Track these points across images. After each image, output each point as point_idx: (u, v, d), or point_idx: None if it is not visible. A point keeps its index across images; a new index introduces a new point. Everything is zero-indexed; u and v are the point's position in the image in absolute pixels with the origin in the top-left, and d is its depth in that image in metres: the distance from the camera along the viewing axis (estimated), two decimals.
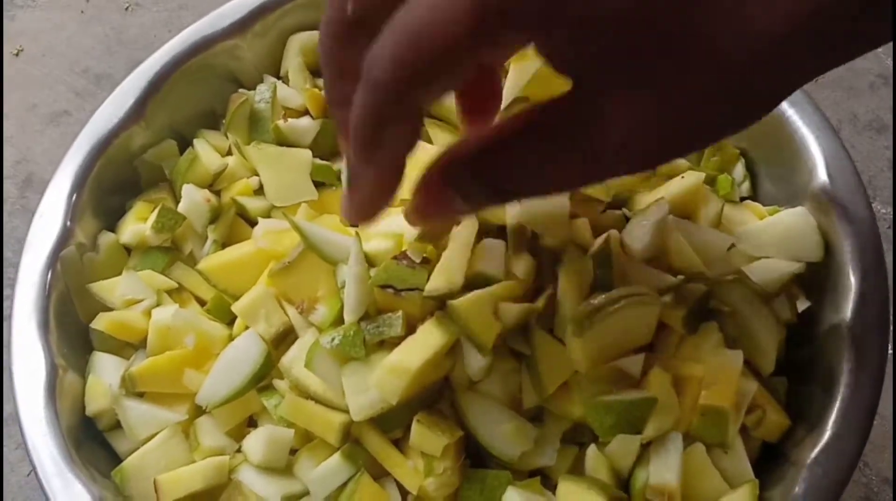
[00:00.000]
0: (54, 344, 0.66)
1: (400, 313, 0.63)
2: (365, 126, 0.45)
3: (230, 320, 0.69)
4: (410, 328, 0.63)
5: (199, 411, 0.66)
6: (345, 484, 0.63)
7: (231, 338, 0.68)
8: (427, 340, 0.62)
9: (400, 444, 0.64)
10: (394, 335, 0.63)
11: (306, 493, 0.64)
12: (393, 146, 0.47)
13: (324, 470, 0.63)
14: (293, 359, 0.65)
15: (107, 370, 0.68)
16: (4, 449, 0.83)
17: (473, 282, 0.63)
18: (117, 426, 0.67)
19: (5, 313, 0.89)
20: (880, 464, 0.82)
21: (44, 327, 0.66)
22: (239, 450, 0.66)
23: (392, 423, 0.63)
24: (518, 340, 0.64)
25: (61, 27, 1.03)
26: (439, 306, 0.63)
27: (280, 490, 0.64)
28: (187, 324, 0.67)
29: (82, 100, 0.99)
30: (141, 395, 0.67)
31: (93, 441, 0.67)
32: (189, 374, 0.66)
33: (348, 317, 0.63)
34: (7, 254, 0.91)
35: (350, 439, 0.64)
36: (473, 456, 0.65)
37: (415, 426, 0.62)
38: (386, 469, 0.64)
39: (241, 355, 0.65)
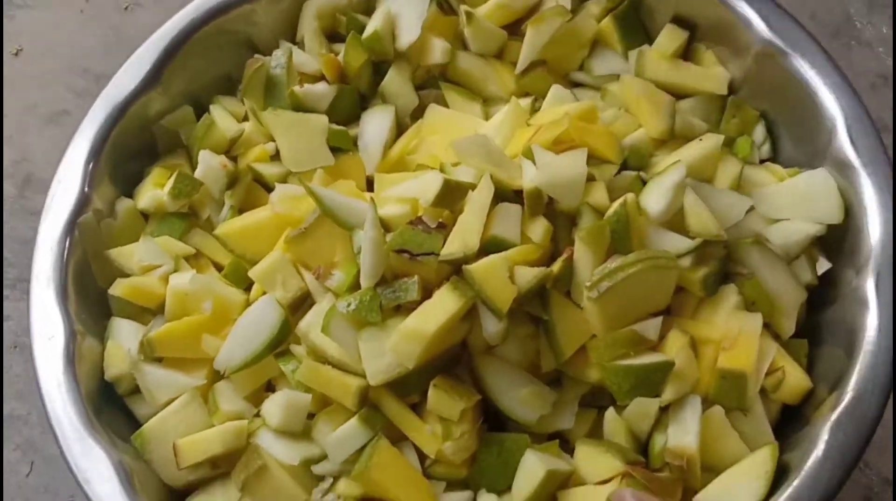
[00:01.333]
0: (73, 310, 0.66)
1: (416, 277, 0.63)
2: None
3: (247, 285, 0.69)
4: (426, 293, 0.63)
5: (217, 376, 0.67)
6: (363, 448, 0.63)
7: (248, 303, 0.68)
8: (443, 304, 0.62)
9: (417, 409, 0.64)
10: (410, 299, 0.63)
11: (324, 457, 0.64)
12: None
13: (341, 434, 0.63)
14: (310, 324, 0.65)
15: (125, 335, 0.68)
16: (4, 449, 0.83)
17: (489, 246, 0.63)
18: (136, 390, 0.68)
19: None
20: (880, 464, 0.82)
21: (62, 293, 0.67)
22: (258, 414, 0.66)
23: (409, 388, 0.63)
24: (535, 304, 0.64)
25: (61, 27, 1.02)
26: (455, 270, 0.63)
27: (298, 454, 0.64)
28: (205, 289, 0.67)
29: (82, 100, 0.98)
30: (160, 360, 0.67)
31: (112, 406, 0.67)
32: (207, 339, 0.66)
33: (364, 282, 0.63)
34: (7, 254, 0.91)
35: (367, 403, 0.64)
36: (491, 420, 0.65)
37: (432, 391, 0.62)
38: (404, 433, 0.64)
39: (258, 320, 0.65)
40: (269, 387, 0.68)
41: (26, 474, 0.83)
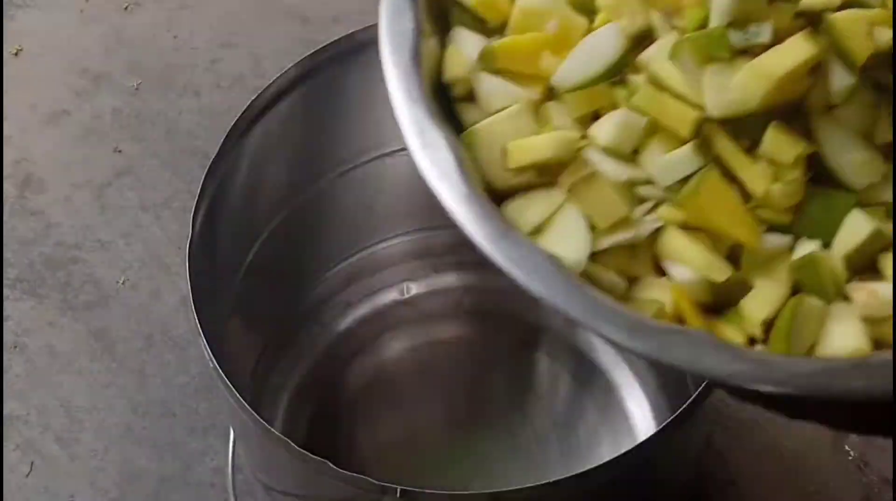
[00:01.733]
0: (421, 9, 0.68)
1: (770, 22, 0.62)
2: None
3: (592, 16, 0.69)
4: (778, 41, 0.62)
5: (550, 95, 0.68)
6: (689, 178, 0.63)
7: (591, 31, 0.68)
8: (795, 49, 0.61)
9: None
10: (761, 42, 0.62)
11: (650, 182, 0.64)
12: None
13: (674, 157, 0.63)
14: (652, 56, 0.65)
15: (467, 43, 0.69)
16: (4, 449, 0.84)
17: (849, 4, 0.62)
18: (469, 98, 0.69)
19: None
20: (880, 464, 0.82)
21: None
22: (585, 138, 0.67)
23: (745, 129, 0.63)
24: (884, 72, 0.63)
25: (61, 27, 1.01)
26: (809, 24, 0.62)
27: (624, 173, 0.64)
28: (552, 9, 0.68)
29: (81, 100, 0.97)
30: (497, 72, 0.68)
31: (444, 111, 0.69)
32: (547, 57, 0.67)
33: (715, 20, 0.63)
34: (7, 254, 0.91)
35: (701, 137, 0.64)
36: (814, 181, 0.64)
37: (770, 131, 0.62)
38: (732, 172, 0.63)
39: (600, 44, 0.66)
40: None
41: (26, 474, 0.83)
